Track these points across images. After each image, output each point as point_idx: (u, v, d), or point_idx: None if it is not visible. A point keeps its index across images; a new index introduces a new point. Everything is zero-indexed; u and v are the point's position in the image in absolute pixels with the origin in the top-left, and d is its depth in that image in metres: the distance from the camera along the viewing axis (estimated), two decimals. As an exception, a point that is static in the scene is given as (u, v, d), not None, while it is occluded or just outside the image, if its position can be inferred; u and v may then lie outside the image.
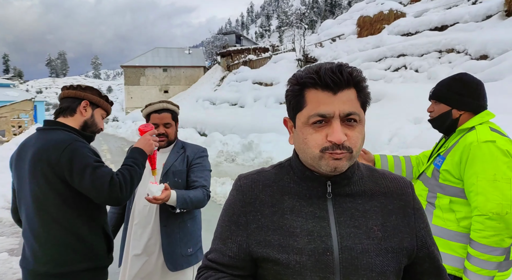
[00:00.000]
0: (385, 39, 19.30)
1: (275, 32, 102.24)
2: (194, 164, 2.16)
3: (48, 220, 1.57)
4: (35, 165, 1.56)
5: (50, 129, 1.65)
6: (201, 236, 2.27)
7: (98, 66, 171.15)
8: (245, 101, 22.60)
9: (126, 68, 45.39)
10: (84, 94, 1.74)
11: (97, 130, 1.79)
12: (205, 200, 2.08)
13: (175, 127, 2.21)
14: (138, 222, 2.07)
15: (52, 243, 1.58)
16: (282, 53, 29.88)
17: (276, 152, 8.89)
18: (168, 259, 2.04)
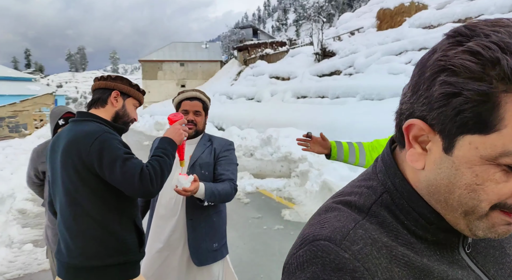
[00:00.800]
0: (406, 32, 18.87)
1: (292, 26, 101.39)
2: (221, 157, 2.14)
3: (79, 213, 1.56)
4: (66, 157, 1.56)
5: (82, 121, 1.64)
6: (226, 231, 2.25)
7: (116, 60, 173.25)
8: (262, 95, 22.54)
9: (143, 63, 45.82)
10: (114, 84, 1.71)
11: (129, 120, 1.76)
12: (233, 194, 2.07)
13: (204, 118, 2.20)
14: (163, 214, 2.06)
15: (83, 236, 1.57)
16: (299, 47, 29.61)
17: (296, 147, 8.82)
18: (194, 253, 2.03)
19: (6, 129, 22.16)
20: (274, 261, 4.16)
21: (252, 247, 4.59)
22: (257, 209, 6.32)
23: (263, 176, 8.65)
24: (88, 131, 1.55)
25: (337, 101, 15.48)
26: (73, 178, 1.55)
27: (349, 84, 16.03)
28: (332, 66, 20.19)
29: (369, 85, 14.52)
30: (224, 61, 46.65)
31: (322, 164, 8.01)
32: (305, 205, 6.29)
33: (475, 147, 0.48)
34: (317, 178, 6.81)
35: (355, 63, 18.42)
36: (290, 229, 5.22)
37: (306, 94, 18.47)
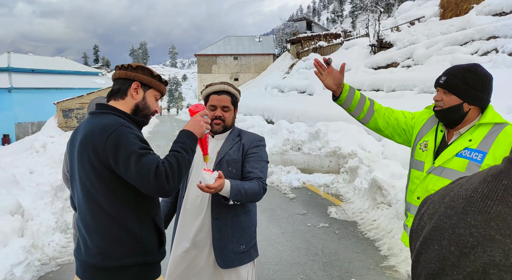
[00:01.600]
0: (473, 20, 17.47)
1: (347, 17, 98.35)
2: (250, 154, 2.02)
3: (97, 210, 1.52)
4: (82, 151, 1.52)
5: (99, 113, 1.58)
6: (256, 232, 2.14)
7: (175, 55, 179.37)
8: (313, 88, 22.11)
9: (199, 57, 46.97)
10: (134, 74, 1.61)
11: (150, 113, 1.68)
12: (261, 194, 1.93)
13: (234, 112, 2.09)
14: (189, 212, 2.00)
15: (100, 234, 1.52)
16: (354, 39, 28.61)
17: (345, 142, 8.52)
18: (219, 254, 1.94)
19: (75, 120, 23.84)
20: (316, 261, 4.01)
21: (294, 245, 4.47)
22: (303, 205, 6.18)
23: (310, 171, 8.45)
24: (104, 125, 1.49)
25: (392, 94, 14.77)
26: (89, 173, 1.50)
27: (406, 77, 15.21)
28: (389, 58, 19.28)
29: (428, 77, 13.65)
30: (277, 54, 46.44)
31: (373, 161, 7.65)
32: (353, 203, 6.03)
33: None
34: (367, 175, 6.50)
35: (414, 54, 17.42)
36: (335, 228, 5.02)
37: (360, 87, 17.80)
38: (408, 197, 1.90)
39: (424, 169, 1.82)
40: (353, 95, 1.95)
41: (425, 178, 1.80)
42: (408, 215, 1.91)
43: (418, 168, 1.85)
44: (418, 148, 1.87)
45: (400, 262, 3.84)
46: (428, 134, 1.87)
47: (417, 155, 1.86)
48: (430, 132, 1.86)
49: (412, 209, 1.86)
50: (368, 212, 5.38)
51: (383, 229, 4.71)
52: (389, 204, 5.15)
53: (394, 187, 5.34)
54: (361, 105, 1.96)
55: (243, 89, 37.86)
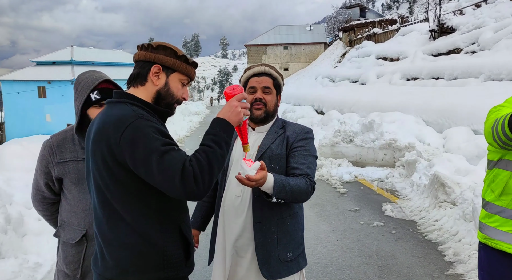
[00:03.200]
0: (551, -1, 15.66)
1: (404, 2, 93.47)
2: (296, 148, 1.74)
3: (112, 216, 1.29)
4: (95, 148, 1.28)
5: (116, 103, 1.34)
6: (303, 238, 1.87)
7: (226, 46, 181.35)
8: (367, 78, 21.18)
9: (249, 47, 46.96)
10: (155, 55, 1.34)
11: (174, 101, 1.40)
12: (309, 193, 1.65)
13: (276, 98, 1.82)
14: (227, 215, 1.75)
15: (118, 244, 1.29)
16: (412, 25, 26.95)
17: (401, 134, 7.92)
18: (263, 264, 1.68)
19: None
20: (370, 265, 3.65)
21: (346, 245, 4.14)
22: (355, 201, 5.78)
23: (363, 164, 7.97)
24: (119, 117, 1.24)
25: (454, 82, 13.68)
26: (103, 173, 1.26)
27: (470, 63, 13.99)
28: (451, 43, 17.91)
29: (497, 63, 12.46)
30: (328, 43, 45.19)
31: (433, 154, 7.04)
32: (411, 200, 5.54)
33: None
34: (427, 170, 5.95)
35: (480, 39, 16.00)
36: (391, 227, 4.60)
37: (417, 75, 16.74)
38: (503, 201, 1.63)
39: None
40: None
41: None
42: (498, 218, 1.65)
43: None
44: None
45: (469, 270, 3.38)
46: None
47: None
48: None
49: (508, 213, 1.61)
50: (429, 211, 4.88)
51: (447, 231, 4.22)
52: (454, 203, 4.63)
53: (459, 184, 4.79)
54: None
55: (293, 79, 37.31)
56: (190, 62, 1.40)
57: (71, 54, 31.65)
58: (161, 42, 1.37)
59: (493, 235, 1.65)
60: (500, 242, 1.63)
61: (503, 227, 1.62)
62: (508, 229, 1.60)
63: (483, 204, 1.75)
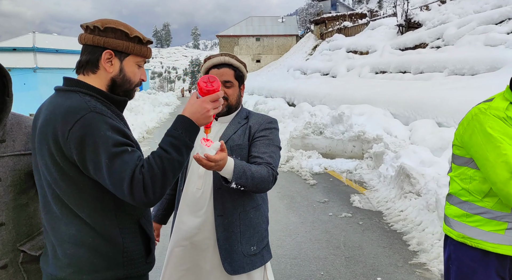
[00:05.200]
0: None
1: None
2: (258, 137, 1.68)
3: (65, 212, 1.19)
4: (41, 140, 1.17)
5: (66, 91, 1.21)
6: (268, 230, 1.84)
7: (197, 36, 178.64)
8: (337, 70, 21.46)
9: (221, 38, 46.43)
10: (104, 40, 1.21)
11: (134, 86, 1.30)
12: (270, 182, 1.58)
13: (239, 89, 1.75)
14: (188, 208, 1.69)
15: (72, 242, 1.19)
16: (381, 19, 27.46)
17: (370, 126, 8.07)
18: (226, 258, 1.63)
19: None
20: (337, 256, 3.70)
21: (314, 237, 4.17)
22: (324, 193, 5.85)
23: (332, 156, 8.08)
24: (69, 108, 1.13)
25: (420, 76, 14.09)
26: (51, 169, 1.16)
27: (435, 58, 14.45)
28: (417, 38, 18.42)
29: (460, 58, 12.93)
30: (300, 35, 45.38)
31: (400, 146, 7.21)
32: (378, 191, 5.66)
33: None
34: (393, 162, 6.09)
35: (445, 34, 16.54)
36: (359, 218, 4.69)
37: (385, 69, 17.12)
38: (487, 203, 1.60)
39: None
40: None
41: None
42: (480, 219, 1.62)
43: None
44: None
45: (432, 259, 3.48)
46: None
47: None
48: None
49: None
50: (395, 202, 5.00)
51: (412, 221, 4.34)
52: (418, 194, 4.76)
53: (423, 175, 4.93)
54: None
55: (265, 71, 37.28)
56: (145, 41, 1.29)
57: (33, 41, 30.15)
58: (109, 22, 1.23)
59: (474, 235, 1.62)
60: (482, 242, 1.61)
61: (485, 227, 1.60)
62: (491, 229, 1.59)
63: (456, 202, 1.71)
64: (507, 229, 1.57)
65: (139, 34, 1.27)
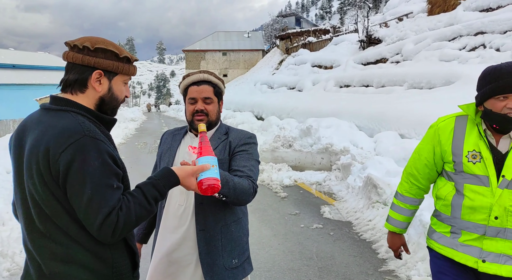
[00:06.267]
0: (460, 16, 17.52)
1: (336, 13, 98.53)
2: (238, 152, 1.74)
3: (54, 231, 1.19)
4: (31, 159, 1.17)
5: (57, 111, 1.22)
6: (248, 243, 1.89)
7: (163, 51, 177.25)
8: (303, 84, 21.95)
9: (187, 53, 46.35)
10: (94, 60, 1.23)
11: (119, 104, 1.34)
12: (251, 194, 1.63)
13: (218, 105, 1.80)
14: (170, 224, 1.72)
15: (61, 259, 1.19)
16: (343, 35, 28.51)
17: (337, 138, 8.32)
18: (208, 272, 1.66)
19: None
20: (310, 266, 3.78)
21: (287, 248, 4.23)
22: (295, 205, 5.95)
23: (302, 168, 8.24)
24: (64, 130, 1.15)
25: (382, 90, 14.68)
26: (39, 188, 1.16)
27: (395, 72, 15.13)
28: (378, 53, 19.22)
29: (418, 72, 13.61)
30: (266, 50, 46.14)
31: (366, 157, 7.47)
32: (347, 202, 5.83)
33: None
34: (360, 173, 6.30)
35: (403, 50, 17.39)
36: (330, 229, 4.80)
37: (349, 83, 17.70)
38: (467, 215, 1.64)
39: (492, 184, 1.58)
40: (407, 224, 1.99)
41: (501, 195, 1.57)
42: (462, 233, 1.67)
43: (479, 183, 1.61)
44: (466, 161, 1.63)
45: (400, 266, 3.63)
46: (471, 143, 1.64)
47: (469, 169, 1.63)
48: (475, 141, 1.63)
49: (478, 229, 1.62)
50: (363, 212, 5.17)
51: (380, 230, 4.50)
52: (385, 203, 4.95)
53: (389, 185, 5.14)
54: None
55: (232, 85, 37.48)
56: (132, 60, 1.33)
57: (-12, 56, 28.92)
58: (98, 42, 1.26)
59: (431, 236, 1.80)
60: (433, 242, 1.76)
61: (437, 228, 1.76)
62: (441, 231, 1.73)
63: None
64: (452, 233, 1.69)
65: (128, 54, 1.32)
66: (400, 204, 1.91)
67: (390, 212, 1.97)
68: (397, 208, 1.93)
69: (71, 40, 1.28)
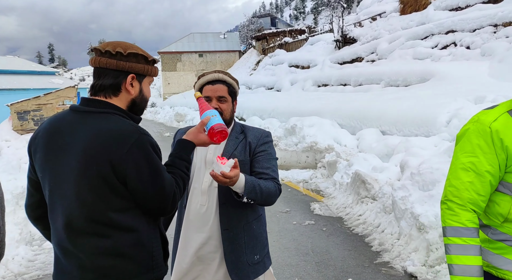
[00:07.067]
0: (431, 15, 18.13)
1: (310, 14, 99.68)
2: (259, 152, 1.79)
3: (104, 227, 1.25)
4: (88, 162, 1.21)
5: (101, 113, 1.27)
6: (268, 238, 1.94)
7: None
8: (281, 84, 22.14)
9: (162, 54, 45.83)
10: (128, 65, 1.30)
11: (146, 104, 1.43)
12: (277, 195, 1.73)
13: (232, 105, 1.84)
14: (193, 224, 1.76)
15: (108, 253, 1.25)
16: (319, 35, 28.91)
17: (321, 136, 8.46)
18: (233, 269, 1.71)
19: (31, 122, 22.52)
20: (308, 262, 3.86)
21: (283, 245, 4.30)
22: (285, 203, 6.03)
23: (287, 167, 8.34)
24: (120, 132, 1.23)
25: (360, 88, 14.99)
26: (97, 188, 1.21)
27: (372, 71, 15.49)
28: (354, 53, 19.62)
29: (393, 71, 13.99)
30: (243, 51, 46.21)
31: (350, 154, 7.65)
32: (335, 198, 5.95)
33: None
34: (347, 169, 6.45)
35: (378, 49, 17.82)
36: (322, 225, 4.91)
37: (327, 82, 17.99)
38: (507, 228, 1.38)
39: None
40: None
41: None
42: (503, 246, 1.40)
43: None
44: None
45: (394, 257, 3.76)
46: None
47: None
48: None
49: None
50: (353, 207, 5.30)
51: (371, 223, 4.64)
52: (374, 198, 5.10)
53: (377, 180, 5.30)
54: None
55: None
56: (156, 62, 1.43)
57: (-46, 61, 27.70)
58: (128, 47, 1.33)
59: (500, 264, 1.40)
60: (508, 272, 1.37)
61: (509, 256, 1.38)
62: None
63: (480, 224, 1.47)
64: None
65: (153, 58, 1.39)
66: (470, 241, 1.35)
67: (458, 259, 1.35)
68: (466, 249, 1.34)
69: (99, 46, 1.33)
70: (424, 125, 7.25)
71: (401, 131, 7.86)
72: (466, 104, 7.04)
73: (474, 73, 10.10)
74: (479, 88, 8.13)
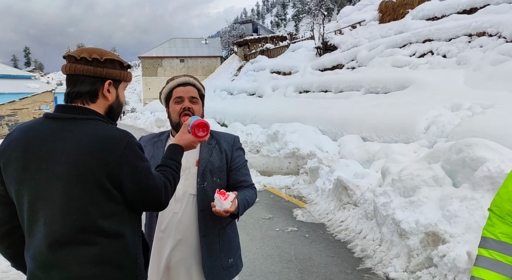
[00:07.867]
0: (409, 24, 18.62)
1: (291, 21, 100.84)
2: (236, 158, 1.86)
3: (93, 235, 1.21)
4: (81, 169, 1.19)
5: (85, 119, 1.26)
6: (239, 241, 1.99)
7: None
8: (263, 90, 22.22)
9: (143, 59, 45.39)
10: (106, 71, 1.31)
11: (121, 110, 1.44)
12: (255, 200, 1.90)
13: (202, 107, 1.88)
14: (165, 232, 1.75)
15: (95, 261, 1.21)
16: (300, 42, 29.24)
17: (303, 142, 8.51)
18: (209, 274, 1.73)
19: (6, 127, 21.87)
20: (291, 269, 3.85)
21: (266, 252, 4.28)
22: (267, 209, 6.02)
23: (270, 173, 8.34)
24: (112, 137, 1.23)
25: (341, 95, 15.19)
26: (92, 195, 1.19)
27: (352, 78, 15.73)
28: (334, 60, 19.90)
29: (373, 78, 14.25)
30: (224, 56, 46.23)
31: (332, 160, 7.71)
32: (318, 204, 5.98)
33: None
34: (328, 175, 6.50)
35: (358, 56, 18.14)
36: (304, 231, 4.91)
37: (308, 88, 18.16)
38: None
39: None
40: None
41: None
42: None
43: None
44: None
45: (376, 264, 3.79)
46: None
47: None
48: None
49: None
50: (335, 213, 5.34)
51: (353, 230, 4.67)
52: (355, 204, 5.14)
53: (359, 186, 5.35)
54: None
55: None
56: (131, 67, 1.45)
57: None
58: (103, 53, 1.32)
59: None
60: None
61: None
62: None
63: None
64: None
65: (127, 64, 1.40)
66: (497, 256, 1.24)
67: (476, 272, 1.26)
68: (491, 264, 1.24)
69: (72, 53, 1.31)
70: (403, 132, 7.39)
71: (382, 138, 7.99)
72: (443, 112, 7.22)
73: (450, 81, 10.38)
74: (456, 96, 8.37)
